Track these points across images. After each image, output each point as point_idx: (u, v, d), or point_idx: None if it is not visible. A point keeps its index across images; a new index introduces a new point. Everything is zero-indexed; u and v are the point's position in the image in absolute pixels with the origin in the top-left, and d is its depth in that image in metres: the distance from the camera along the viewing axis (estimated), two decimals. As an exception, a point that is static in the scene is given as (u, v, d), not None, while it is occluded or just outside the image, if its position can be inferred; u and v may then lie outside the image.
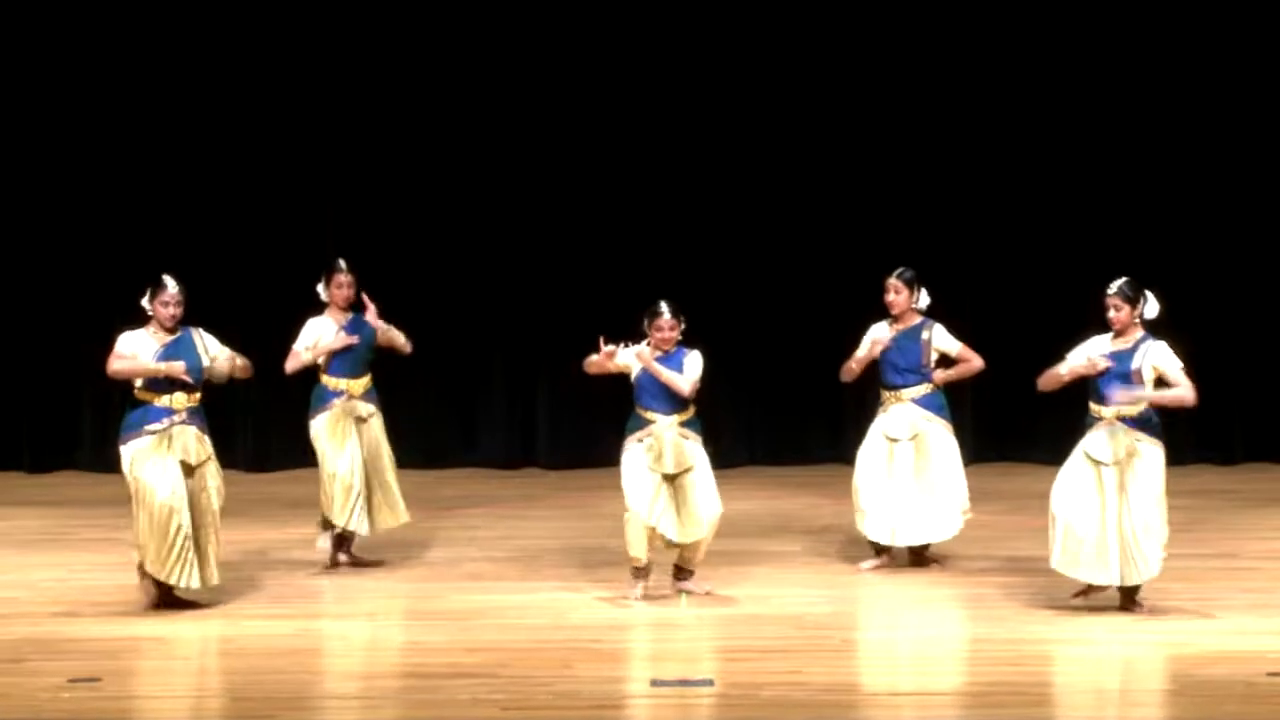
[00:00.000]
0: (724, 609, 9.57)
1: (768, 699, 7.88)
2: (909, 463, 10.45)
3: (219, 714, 7.90)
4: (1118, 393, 9.19)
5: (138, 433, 9.40)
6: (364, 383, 10.63)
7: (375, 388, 10.69)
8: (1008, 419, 14.73)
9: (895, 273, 10.53)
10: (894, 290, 10.50)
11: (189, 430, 9.42)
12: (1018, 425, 14.65)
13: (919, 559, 10.60)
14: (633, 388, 9.73)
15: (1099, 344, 9.35)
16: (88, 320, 14.09)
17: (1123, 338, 9.28)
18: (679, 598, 9.66)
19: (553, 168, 15.09)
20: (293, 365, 10.56)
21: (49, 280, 14.92)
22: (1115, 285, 9.30)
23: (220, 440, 9.83)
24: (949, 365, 10.64)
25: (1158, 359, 9.20)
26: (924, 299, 10.54)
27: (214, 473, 9.53)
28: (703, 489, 9.60)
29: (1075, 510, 9.20)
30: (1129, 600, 9.30)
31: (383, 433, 10.66)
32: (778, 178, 15.10)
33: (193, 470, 9.38)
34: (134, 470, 9.34)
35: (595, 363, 9.74)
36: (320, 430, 10.49)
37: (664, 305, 9.71)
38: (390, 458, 10.67)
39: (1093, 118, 14.90)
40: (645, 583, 9.67)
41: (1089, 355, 9.30)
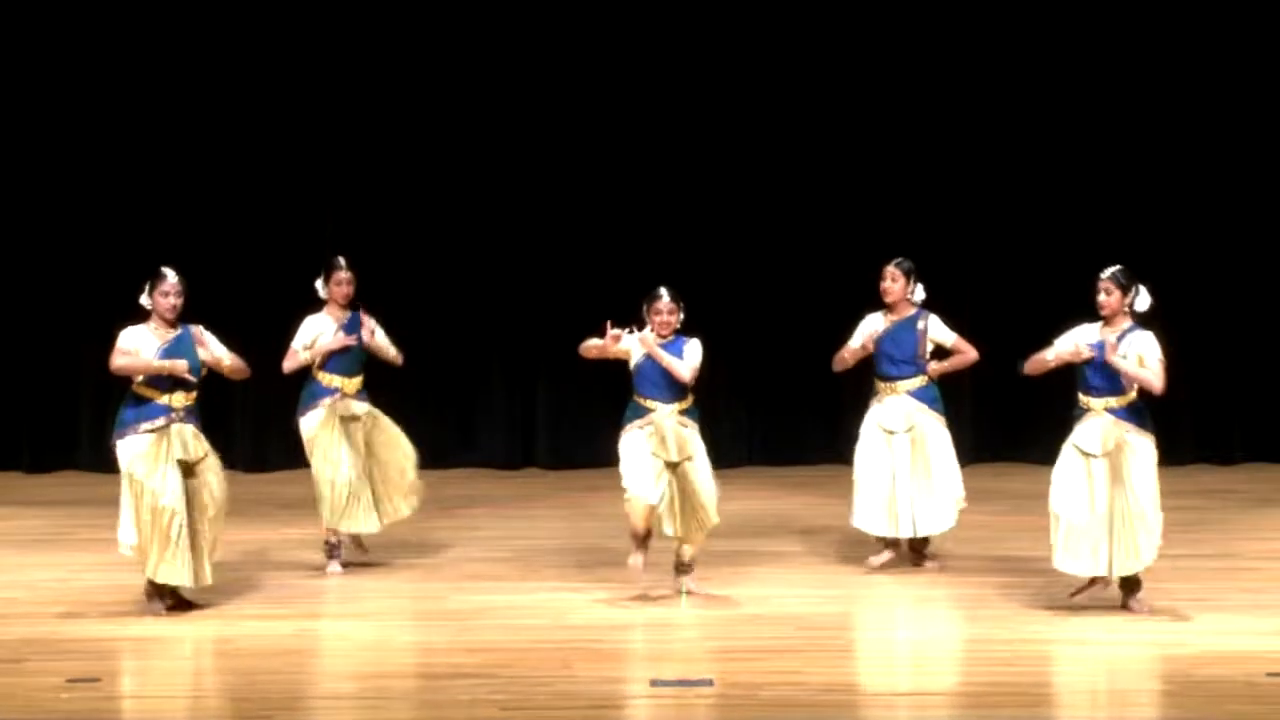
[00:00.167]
0: (723, 609, 9.58)
1: (767, 699, 7.89)
2: (905, 455, 10.45)
3: (218, 714, 7.90)
4: (1107, 349, 9.14)
5: (134, 429, 9.37)
6: (357, 382, 10.62)
7: (368, 388, 10.66)
8: (1007, 419, 14.73)
9: (894, 261, 10.53)
10: (891, 278, 10.48)
11: (186, 428, 9.41)
12: (1017, 425, 14.64)
13: (919, 556, 10.60)
14: (632, 376, 9.73)
15: (1087, 332, 9.32)
16: (87, 320, 14.10)
17: (1111, 326, 9.25)
18: (679, 598, 9.67)
19: (551, 169, 15.10)
20: (290, 365, 10.55)
21: (49, 280, 14.94)
22: (1109, 271, 9.27)
23: (219, 441, 9.83)
24: (944, 357, 10.64)
25: (1142, 346, 9.17)
26: (919, 293, 10.54)
27: (213, 467, 9.51)
28: (702, 475, 9.59)
29: (1075, 507, 9.20)
30: (1129, 596, 9.31)
31: (391, 427, 10.62)
32: (775, 178, 15.12)
33: (191, 468, 9.40)
34: (133, 471, 9.32)
35: (596, 347, 9.71)
36: (311, 431, 10.48)
37: (663, 289, 9.73)
38: (398, 449, 10.62)
39: (1095, 114, 14.90)
40: (644, 553, 9.61)
41: (1076, 342, 9.29)
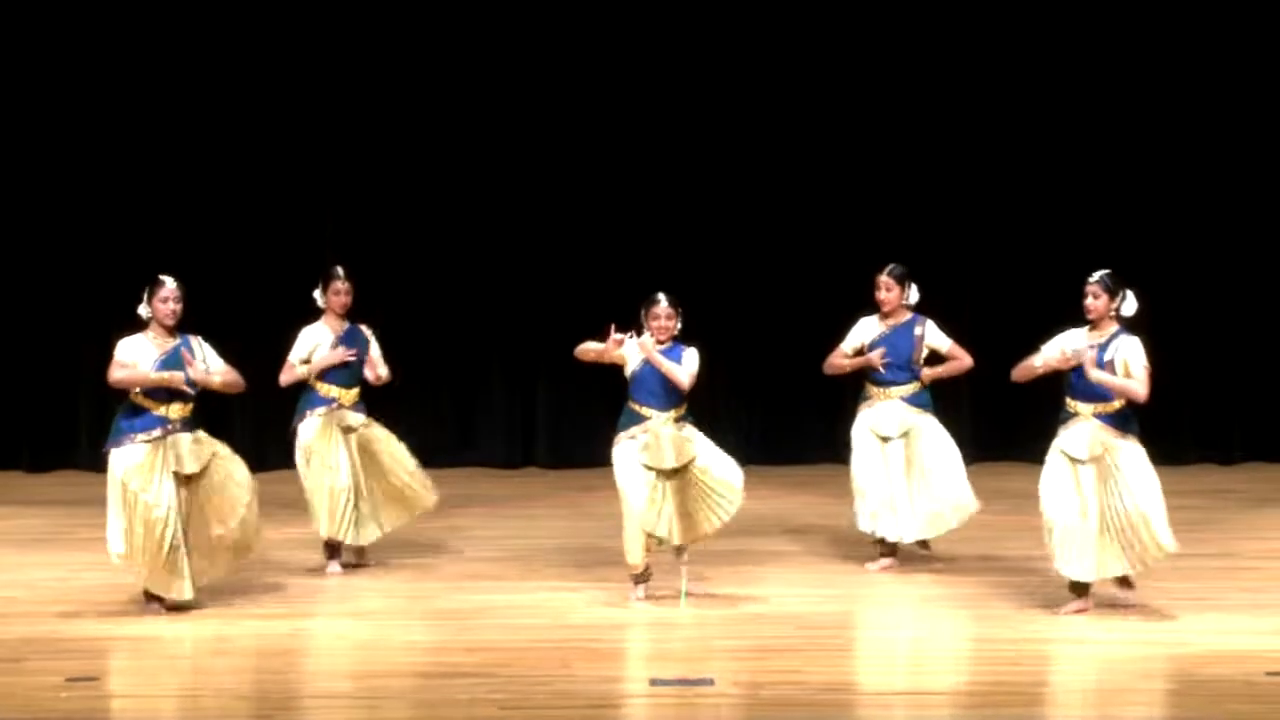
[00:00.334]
0: (723, 609, 9.57)
1: (767, 699, 7.89)
2: (900, 459, 10.45)
3: (216, 713, 7.89)
4: (1090, 368, 9.12)
5: (130, 439, 9.34)
6: (355, 393, 10.58)
7: (365, 398, 10.64)
8: (1006, 419, 14.71)
9: (886, 269, 10.51)
10: (885, 288, 10.48)
11: (182, 439, 9.37)
12: (1016, 425, 14.61)
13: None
14: (628, 382, 9.72)
15: (1074, 337, 9.33)
16: (86, 320, 14.12)
17: (1098, 331, 9.26)
18: (679, 598, 9.66)
19: (550, 171, 15.10)
20: (287, 378, 10.48)
21: (48, 280, 14.93)
22: (1097, 274, 9.27)
23: (218, 440, 9.80)
24: (938, 362, 10.63)
25: (1128, 352, 9.16)
26: (914, 295, 10.53)
27: (224, 468, 9.46)
28: (715, 466, 9.55)
29: (1066, 512, 9.19)
30: (1120, 589, 9.33)
31: (387, 437, 10.60)
32: (774, 180, 15.13)
33: (187, 480, 9.37)
34: (127, 482, 9.29)
35: (594, 351, 9.67)
36: (308, 440, 10.45)
37: (661, 295, 9.70)
38: (397, 457, 10.60)
39: (1091, 117, 14.91)
40: (646, 585, 9.67)
41: (1063, 347, 9.28)
